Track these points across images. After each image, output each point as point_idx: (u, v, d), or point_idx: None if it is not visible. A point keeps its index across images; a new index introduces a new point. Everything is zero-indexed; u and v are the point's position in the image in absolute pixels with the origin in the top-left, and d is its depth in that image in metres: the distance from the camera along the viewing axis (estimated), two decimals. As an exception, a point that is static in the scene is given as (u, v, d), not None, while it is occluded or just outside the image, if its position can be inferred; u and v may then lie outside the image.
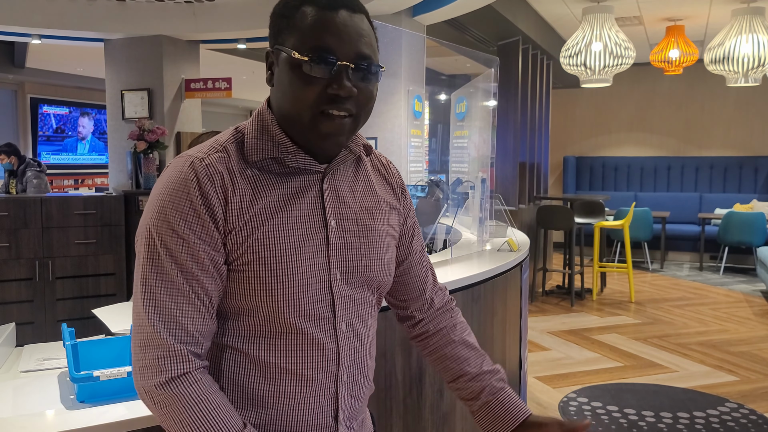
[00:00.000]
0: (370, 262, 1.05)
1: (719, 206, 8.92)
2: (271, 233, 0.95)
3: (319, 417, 1.02)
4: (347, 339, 1.02)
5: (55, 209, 4.56)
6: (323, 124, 0.94)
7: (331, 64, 0.92)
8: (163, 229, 0.90)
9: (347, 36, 0.93)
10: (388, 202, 1.11)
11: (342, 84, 0.92)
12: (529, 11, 6.52)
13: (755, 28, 5.88)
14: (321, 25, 0.93)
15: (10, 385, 1.63)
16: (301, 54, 0.92)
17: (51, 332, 4.43)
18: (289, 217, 0.97)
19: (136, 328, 0.91)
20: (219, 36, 5.17)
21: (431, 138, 8.11)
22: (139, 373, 0.90)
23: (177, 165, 0.95)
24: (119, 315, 2.08)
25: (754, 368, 4.42)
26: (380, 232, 1.07)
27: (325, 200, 1.00)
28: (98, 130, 9.84)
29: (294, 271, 0.96)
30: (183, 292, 0.90)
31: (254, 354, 0.97)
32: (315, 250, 0.98)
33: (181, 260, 0.90)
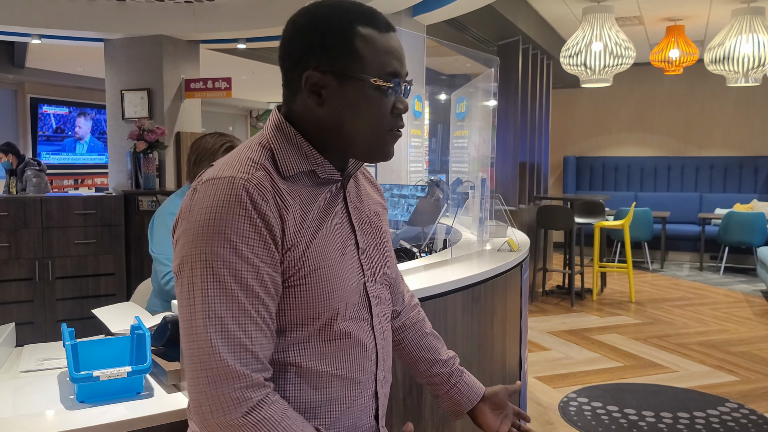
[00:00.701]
0: (386, 260, 1.12)
1: (719, 206, 8.92)
2: (320, 245, 0.97)
3: (365, 418, 1.05)
4: (382, 338, 1.08)
5: (55, 209, 4.56)
6: (390, 140, 1.01)
7: (399, 86, 0.99)
8: (224, 253, 0.87)
9: (402, 58, 1.01)
10: (380, 203, 1.18)
11: (404, 102, 1.01)
12: (529, 11, 6.52)
13: (755, 28, 5.88)
14: (389, 49, 0.98)
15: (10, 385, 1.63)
16: (384, 80, 0.97)
17: (51, 332, 4.43)
18: (330, 226, 1.00)
19: (198, 364, 0.87)
20: (219, 36, 5.17)
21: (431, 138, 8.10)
22: (210, 411, 0.86)
23: (220, 187, 0.90)
24: (119, 315, 2.08)
25: (754, 368, 4.42)
26: (385, 231, 1.14)
27: (348, 207, 1.06)
28: (98, 130, 9.84)
29: (342, 277, 0.99)
30: (250, 316, 0.88)
31: (304, 365, 0.97)
32: (352, 255, 1.03)
33: (245, 284, 0.88)
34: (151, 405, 1.48)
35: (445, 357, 1.29)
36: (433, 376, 1.28)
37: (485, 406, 1.27)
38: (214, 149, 2.33)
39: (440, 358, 1.28)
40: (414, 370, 1.30)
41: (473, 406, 1.27)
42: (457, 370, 1.29)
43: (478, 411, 1.27)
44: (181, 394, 1.57)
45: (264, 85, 10.37)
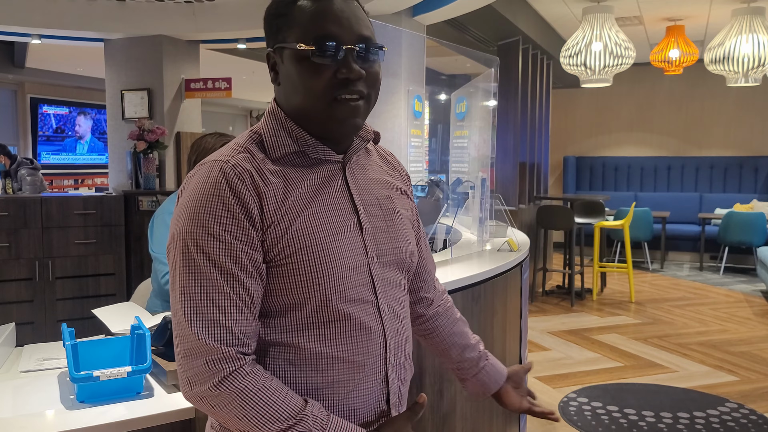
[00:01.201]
0: (399, 242, 1.09)
1: (719, 206, 8.92)
2: (307, 223, 0.96)
3: (372, 402, 1.03)
4: (390, 321, 1.05)
5: (55, 209, 4.56)
6: (338, 110, 0.97)
7: (337, 50, 0.95)
8: (198, 235, 0.90)
9: (347, 21, 0.96)
10: (399, 188, 1.15)
11: (350, 67, 0.95)
12: (529, 11, 6.52)
13: (755, 28, 5.88)
14: (321, 14, 0.96)
15: (10, 385, 1.63)
16: (307, 44, 0.95)
17: (51, 332, 4.43)
18: (321, 206, 0.99)
19: (178, 338, 0.92)
20: (219, 36, 5.17)
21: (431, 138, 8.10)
22: (188, 383, 0.91)
23: (203, 171, 0.95)
24: (119, 315, 2.08)
25: (754, 368, 4.42)
26: (400, 214, 1.11)
27: (350, 187, 1.04)
28: (98, 130, 9.84)
29: (335, 258, 0.97)
30: (224, 294, 0.90)
31: (304, 347, 0.97)
32: (351, 236, 1.01)
33: (219, 263, 0.90)
34: (151, 405, 1.48)
35: (474, 341, 1.32)
36: (464, 362, 1.30)
37: (508, 386, 1.32)
38: (214, 149, 2.32)
39: (470, 343, 1.31)
40: (445, 356, 1.31)
41: (499, 387, 1.31)
42: (484, 353, 1.32)
43: (503, 391, 1.32)
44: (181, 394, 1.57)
45: (264, 85, 10.37)
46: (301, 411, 0.91)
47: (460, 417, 2.30)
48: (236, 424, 0.90)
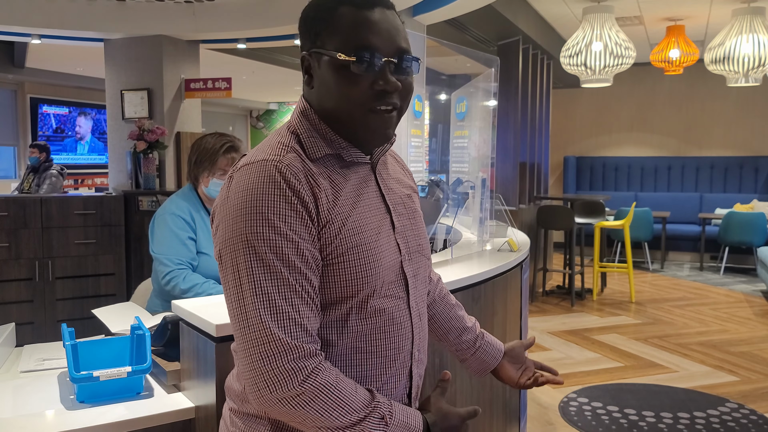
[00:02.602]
0: (421, 240, 1.14)
1: (720, 206, 8.92)
2: (357, 223, 0.99)
3: (399, 396, 1.06)
4: (417, 317, 1.09)
5: (55, 209, 4.56)
6: (373, 120, 0.98)
7: (376, 61, 0.96)
8: (264, 232, 0.90)
9: (386, 33, 0.97)
10: (411, 187, 1.20)
11: (387, 79, 0.96)
12: (530, 11, 6.52)
13: (755, 28, 5.88)
14: (362, 24, 0.96)
15: (10, 385, 1.63)
16: (347, 55, 0.95)
17: (51, 332, 4.43)
18: (364, 206, 1.02)
19: (251, 341, 0.90)
20: (219, 36, 5.17)
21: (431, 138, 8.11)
22: (269, 386, 0.89)
23: (254, 171, 0.94)
24: (119, 315, 2.08)
25: (754, 368, 4.42)
26: (419, 213, 1.16)
27: (381, 188, 1.07)
28: (98, 130, 9.84)
29: (379, 256, 1.00)
30: (295, 290, 0.91)
31: (340, 342, 0.99)
32: (387, 235, 1.04)
33: (288, 260, 0.91)
34: (151, 405, 1.48)
35: (470, 324, 1.36)
36: (462, 343, 1.34)
37: (505, 362, 1.36)
38: (215, 149, 2.32)
39: (467, 325, 1.35)
40: (444, 340, 1.36)
41: (498, 362, 1.36)
42: (481, 333, 1.37)
43: (500, 367, 1.36)
44: (181, 394, 1.57)
45: (264, 85, 10.37)
46: (373, 399, 0.94)
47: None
48: (317, 421, 0.90)
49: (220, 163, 2.31)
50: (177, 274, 2.22)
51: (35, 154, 5.50)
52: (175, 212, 2.32)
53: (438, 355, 1.98)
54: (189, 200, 2.39)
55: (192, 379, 1.50)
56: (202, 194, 2.40)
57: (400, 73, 0.98)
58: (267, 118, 13.35)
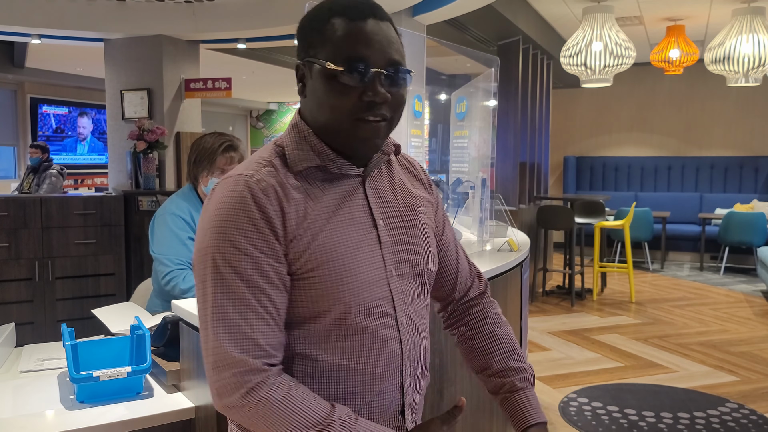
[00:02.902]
0: (419, 254, 1.09)
1: (720, 206, 8.92)
2: (330, 237, 0.98)
3: (388, 413, 1.05)
4: (408, 333, 1.06)
5: (55, 209, 4.55)
6: (360, 129, 0.98)
7: (365, 72, 0.96)
8: (225, 249, 0.92)
9: (378, 44, 0.97)
10: (422, 197, 1.16)
11: (376, 91, 0.96)
12: (530, 11, 6.52)
13: (756, 27, 5.88)
14: (353, 35, 0.97)
15: (10, 385, 1.63)
16: (336, 65, 0.95)
17: (51, 332, 4.42)
18: (342, 221, 1.00)
19: (206, 351, 0.94)
20: (219, 36, 5.17)
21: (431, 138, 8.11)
22: (217, 395, 0.92)
23: (227, 185, 0.96)
24: (119, 315, 2.08)
25: (754, 368, 4.42)
26: (423, 225, 1.12)
27: (370, 201, 1.05)
28: (98, 130, 9.84)
29: (355, 272, 0.99)
30: (251, 306, 0.92)
31: (322, 358, 0.98)
32: (371, 250, 1.02)
33: (246, 276, 0.92)
34: (151, 405, 1.48)
35: (500, 366, 1.19)
36: (484, 382, 1.22)
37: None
38: (213, 149, 2.33)
39: (492, 365, 1.20)
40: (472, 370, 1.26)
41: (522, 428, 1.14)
42: (512, 384, 1.17)
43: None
44: (181, 394, 1.57)
45: (264, 85, 10.37)
46: (329, 416, 0.91)
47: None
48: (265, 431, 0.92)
49: (219, 163, 2.32)
50: (177, 274, 2.22)
51: (37, 154, 5.52)
52: (175, 212, 2.32)
53: (438, 355, 1.98)
54: (189, 200, 2.39)
55: (192, 379, 1.50)
56: (202, 194, 2.40)
57: (391, 84, 0.98)
58: (267, 118, 13.35)
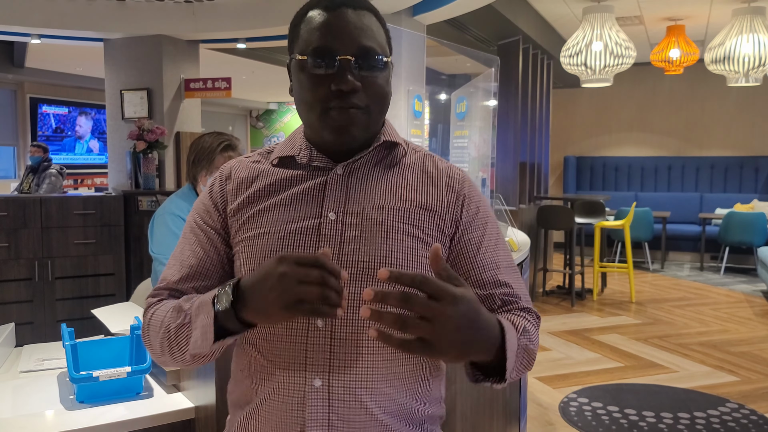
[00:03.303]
0: (370, 258, 0.98)
1: (720, 206, 8.92)
2: (266, 217, 1.02)
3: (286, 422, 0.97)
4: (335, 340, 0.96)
5: (55, 209, 4.55)
6: (330, 118, 0.97)
7: (331, 60, 0.95)
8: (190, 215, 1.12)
9: (347, 31, 0.95)
10: (420, 204, 1.03)
11: (344, 79, 0.94)
12: (530, 11, 6.52)
13: (756, 27, 5.88)
14: (321, 25, 0.96)
15: (9, 385, 1.63)
16: (302, 56, 0.97)
17: (50, 332, 4.42)
18: (284, 202, 1.03)
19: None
20: (219, 36, 5.17)
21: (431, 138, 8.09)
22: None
23: None
24: (119, 315, 2.08)
25: (754, 368, 4.42)
26: (392, 228, 1.00)
27: (326, 193, 1.02)
28: (98, 130, 9.84)
29: (275, 253, 0.96)
30: (177, 256, 1.09)
31: (251, 342, 1.03)
32: (305, 238, 1.00)
33: (186, 236, 1.09)
34: (151, 405, 1.48)
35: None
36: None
37: None
38: (212, 148, 2.33)
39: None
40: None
41: None
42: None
43: None
44: (180, 394, 1.57)
45: (264, 85, 10.36)
46: (181, 308, 0.99)
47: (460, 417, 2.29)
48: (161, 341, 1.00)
49: (217, 162, 2.32)
50: None
51: (38, 153, 5.52)
52: (175, 212, 2.32)
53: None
54: (188, 200, 2.39)
55: (192, 379, 1.50)
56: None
57: (363, 71, 0.95)
58: (267, 118, 13.35)
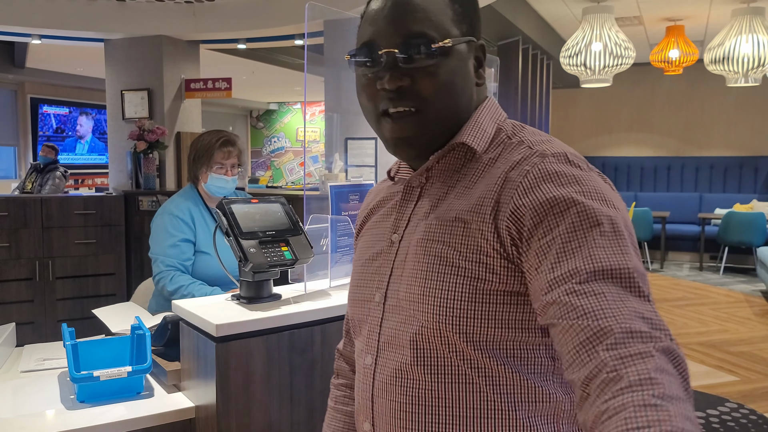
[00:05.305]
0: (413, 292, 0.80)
1: (719, 206, 8.92)
2: (362, 238, 0.96)
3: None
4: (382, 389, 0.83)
5: (55, 209, 4.56)
6: (384, 127, 0.83)
7: (374, 56, 0.80)
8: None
9: (390, 19, 0.79)
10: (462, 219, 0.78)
11: (385, 76, 0.79)
12: (529, 11, 6.52)
13: (755, 28, 5.88)
14: (369, 16, 0.82)
15: (10, 385, 1.63)
16: (350, 54, 0.83)
17: (51, 332, 4.43)
18: (372, 226, 0.94)
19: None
20: (219, 36, 5.17)
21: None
22: None
23: None
24: (119, 315, 2.08)
25: (754, 368, 4.42)
26: (442, 257, 0.78)
27: (399, 210, 0.88)
28: (98, 130, 9.84)
29: (355, 283, 0.92)
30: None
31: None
32: (373, 266, 0.89)
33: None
34: (151, 405, 1.48)
35: None
36: None
37: None
38: (210, 144, 2.36)
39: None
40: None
41: None
42: None
43: None
44: (181, 394, 1.57)
45: (264, 85, 10.36)
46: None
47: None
48: None
49: (217, 157, 2.34)
50: (165, 276, 2.23)
51: (51, 154, 5.52)
52: (174, 212, 2.33)
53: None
54: (190, 199, 2.39)
55: (192, 379, 1.50)
56: (203, 192, 2.41)
57: (411, 63, 0.78)
58: (267, 118, 13.35)
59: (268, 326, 1.43)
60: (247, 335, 1.40)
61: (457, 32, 0.80)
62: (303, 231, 1.61)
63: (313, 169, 11.54)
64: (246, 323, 1.40)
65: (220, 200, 1.56)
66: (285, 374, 1.46)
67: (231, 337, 1.37)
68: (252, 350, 1.40)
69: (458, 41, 0.80)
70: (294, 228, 1.60)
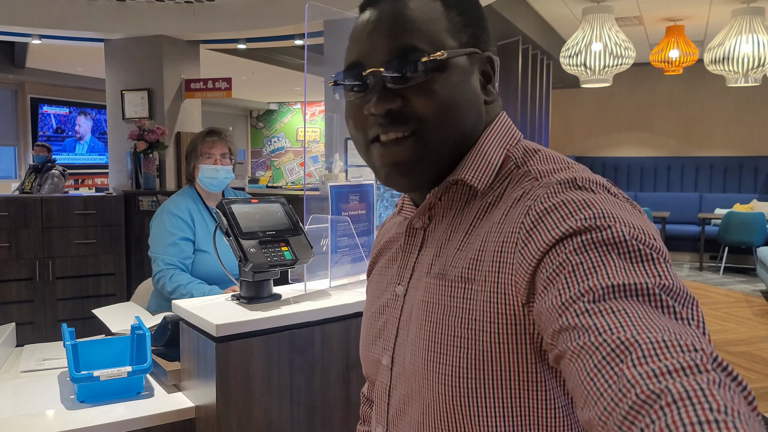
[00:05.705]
0: (414, 364, 0.72)
1: (719, 206, 8.92)
2: (372, 281, 0.88)
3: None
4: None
5: (55, 209, 4.56)
6: (374, 156, 0.73)
7: (359, 76, 0.70)
8: None
9: (374, 35, 0.70)
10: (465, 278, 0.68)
11: (371, 99, 0.69)
12: (529, 11, 6.52)
13: (755, 28, 5.88)
14: (353, 34, 0.73)
15: (10, 385, 1.64)
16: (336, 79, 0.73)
17: (51, 332, 4.43)
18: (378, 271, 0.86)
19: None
20: (219, 36, 5.17)
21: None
22: None
23: None
24: (119, 315, 2.08)
25: (754, 368, 4.42)
26: (444, 325, 0.69)
27: (402, 257, 0.79)
28: (98, 130, 9.84)
29: (364, 332, 0.85)
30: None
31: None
32: (377, 322, 0.81)
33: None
34: (151, 405, 1.48)
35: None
36: None
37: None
38: (196, 138, 2.43)
39: None
40: None
41: None
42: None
43: None
44: (181, 394, 1.57)
45: (264, 85, 10.37)
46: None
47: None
48: None
49: (202, 149, 2.38)
50: (164, 274, 2.23)
51: (43, 153, 5.53)
52: (173, 211, 2.34)
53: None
54: (189, 198, 2.41)
55: (192, 378, 1.50)
56: (200, 189, 2.42)
57: (404, 82, 0.68)
58: (267, 118, 13.35)
59: (268, 326, 1.44)
60: (247, 335, 1.40)
61: (454, 44, 0.71)
62: (303, 231, 1.62)
63: (313, 169, 11.54)
64: (246, 323, 1.40)
65: (221, 200, 1.57)
66: (285, 374, 1.46)
67: (231, 337, 1.37)
68: (252, 350, 1.40)
69: (456, 53, 0.70)
70: (294, 228, 1.60)
